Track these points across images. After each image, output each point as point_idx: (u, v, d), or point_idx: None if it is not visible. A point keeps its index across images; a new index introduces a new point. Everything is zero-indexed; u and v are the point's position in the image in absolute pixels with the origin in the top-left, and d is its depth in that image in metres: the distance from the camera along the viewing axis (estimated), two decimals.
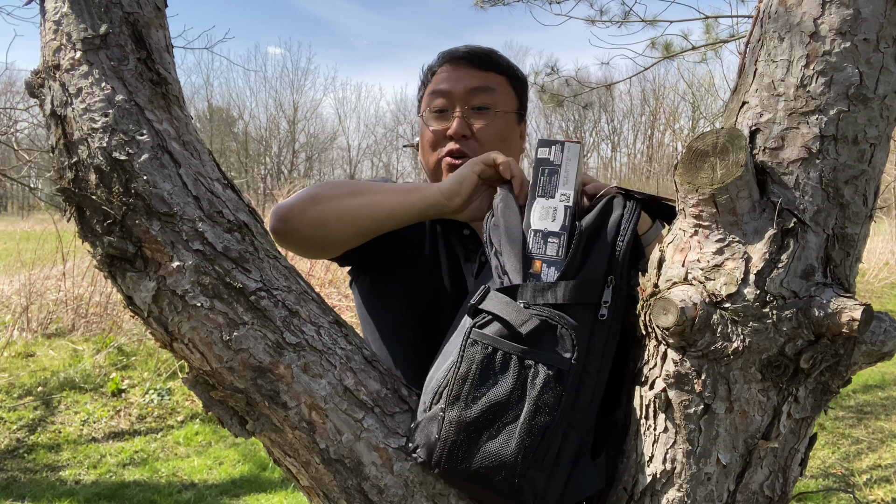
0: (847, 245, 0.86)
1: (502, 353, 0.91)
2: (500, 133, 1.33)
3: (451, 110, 1.32)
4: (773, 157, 0.86)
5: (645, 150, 35.21)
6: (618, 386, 1.02)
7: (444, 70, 1.35)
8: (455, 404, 0.91)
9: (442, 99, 1.33)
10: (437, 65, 1.38)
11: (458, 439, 0.91)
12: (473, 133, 1.31)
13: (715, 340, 0.85)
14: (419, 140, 1.41)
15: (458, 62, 1.35)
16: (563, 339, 0.91)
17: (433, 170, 1.35)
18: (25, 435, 4.47)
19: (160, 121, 0.97)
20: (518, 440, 0.88)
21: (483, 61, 1.35)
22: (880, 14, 0.82)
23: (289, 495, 3.76)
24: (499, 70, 1.36)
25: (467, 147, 1.31)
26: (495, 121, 1.33)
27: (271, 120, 36.83)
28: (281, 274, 1.01)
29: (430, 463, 0.93)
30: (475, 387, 0.91)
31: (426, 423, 0.95)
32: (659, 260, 0.93)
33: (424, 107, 1.37)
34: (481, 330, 0.93)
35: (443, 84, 1.33)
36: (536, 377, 0.89)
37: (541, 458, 0.89)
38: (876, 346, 0.85)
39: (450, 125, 1.31)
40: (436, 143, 1.33)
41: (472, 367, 0.92)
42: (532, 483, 0.89)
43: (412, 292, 1.31)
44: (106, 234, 0.93)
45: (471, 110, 1.32)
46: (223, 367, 0.94)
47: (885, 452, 4.32)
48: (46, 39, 0.98)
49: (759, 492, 0.91)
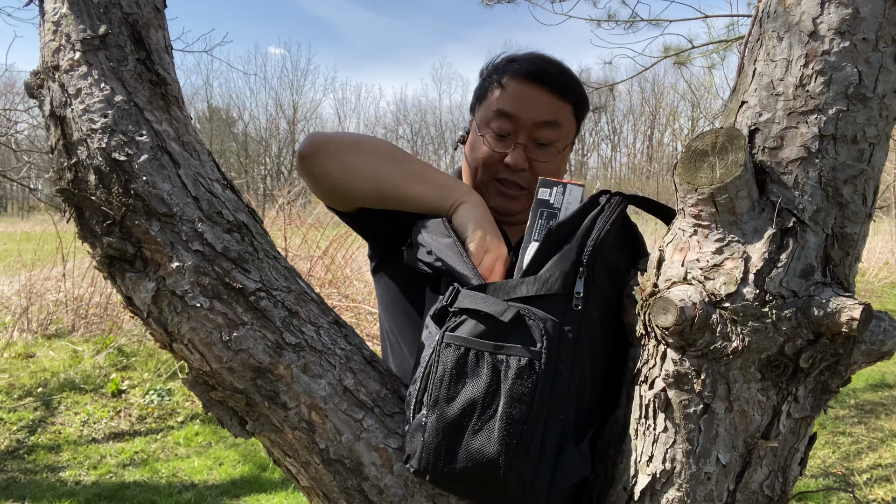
0: (846, 244, 0.86)
1: (474, 352, 0.94)
2: (557, 170, 1.30)
3: (514, 136, 1.26)
4: (772, 157, 0.86)
5: (645, 150, 35.22)
6: (618, 386, 1.02)
7: (517, 86, 1.26)
8: (435, 408, 0.94)
9: (507, 123, 1.26)
10: (509, 75, 1.28)
11: (442, 441, 0.93)
12: (531, 166, 1.27)
13: (714, 340, 0.85)
14: (468, 141, 1.36)
15: (535, 80, 1.26)
16: (533, 331, 0.93)
17: (479, 184, 1.31)
18: (25, 436, 4.47)
19: (159, 121, 0.97)
20: (498, 434, 0.90)
21: (560, 87, 1.27)
22: (879, 13, 0.82)
23: (289, 496, 3.76)
24: (571, 97, 1.29)
25: (521, 179, 1.27)
26: (555, 159, 1.29)
27: (271, 120, 36.86)
28: (280, 274, 1.01)
29: (420, 471, 0.95)
30: (452, 388, 0.93)
31: (412, 431, 0.97)
32: (658, 259, 0.93)
33: (484, 120, 1.29)
34: (454, 332, 0.95)
35: (511, 106, 1.25)
36: (508, 370, 0.92)
37: (524, 450, 0.91)
38: (875, 345, 0.85)
39: (508, 152, 1.26)
40: (489, 164, 1.29)
41: (447, 369, 0.94)
42: (519, 475, 0.91)
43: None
44: (105, 234, 0.93)
45: (534, 143, 1.26)
46: (223, 367, 0.94)
47: (885, 452, 4.31)
48: (46, 40, 0.98)
49: (758, 491, 0.91)
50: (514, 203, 1.28)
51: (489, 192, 1.29)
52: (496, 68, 1.32)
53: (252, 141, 36.06)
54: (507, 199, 1.28)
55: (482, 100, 1.32)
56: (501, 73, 1.29)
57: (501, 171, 1.28)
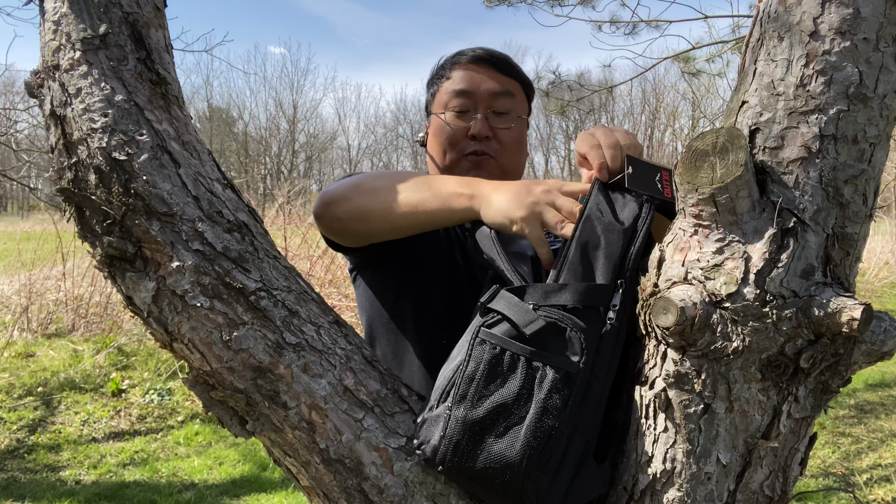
0: (847, 244, 0.86)
1: (510, 353, 0.91)
2: (519, 137, 1.37)
3: (473, 111, 1.34)
4: (772, 157, 0.86)
5: (645, 150, 35.18)
6: (618, 386, 1.02)
7: (465, 69, 1.36)
8: (461, 403, 0.91)
9: (464, 99, 1.34)
10: (455, 63, 1.38)
11: (463, 438, 0.91)
12: (495, 134, 1.33)
13: (715, 340, 0.85)
14: (429, 137, 1.41)
15: (480, 63, 1.35)
16: (573, 342, 0.90)
17: (449, 167, 1.36)
18: (26, 435, 4.48)
19: (160, 121, 0.97)
20: (523, 442, 0.88)
21: (505, 66, 1.36)
22: (880, 13, 0.82)
23: (289, 495, 3.76)
24: (516, 77, 1.38)
25: (489, 148, 1.33)
26: (515, 125, 1.36)
27: (271, 120, 36.86)
28: (281, 274, 1.01)
29: (433, 460, 0.93)
30: (482, 387, 0.90)
31: (432, 420, 0.94)
32: (659, 259, 0.93)
33: (441, 105, 1.37)
34: (490, 329, 0.92)
35: (465, 84, 1.34)
36: (544, 379, 0.89)
37: (545, 461, 0.89)
38: (876, 345, 0.85)
39: (470, 125, 1.33)
40: (454, 141, 1.34)
41: (479, 366, 0.91)
42: (536, 485, 0.89)
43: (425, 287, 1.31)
44: (106, 234, 0.93)
45: (493, 113, 1.34)
46: (223, 367, 0.94)
47: (885, 451, 4.31)
48: (46, 39, 0.98)
49: (759, 491, 0.91)
50: (485, 172, 1.32)
51: (461, 169, 1.34)
52: (443, 66, 1.41)
53: (252, 140, 36.08)
54: (477, 168, 1.33)
55: (436, 95, 1.40)
56: (450, 66, 1.38)
57: (468, 146, 1.33)
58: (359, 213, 1.16)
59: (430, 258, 1.32)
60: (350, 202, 1.17)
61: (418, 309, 1.32)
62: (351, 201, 1.17)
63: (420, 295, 1.31)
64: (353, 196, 1.17)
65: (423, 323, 1.31)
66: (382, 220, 1.14)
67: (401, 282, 1.33)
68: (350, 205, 1.17)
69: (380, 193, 1.14)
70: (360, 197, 1.16)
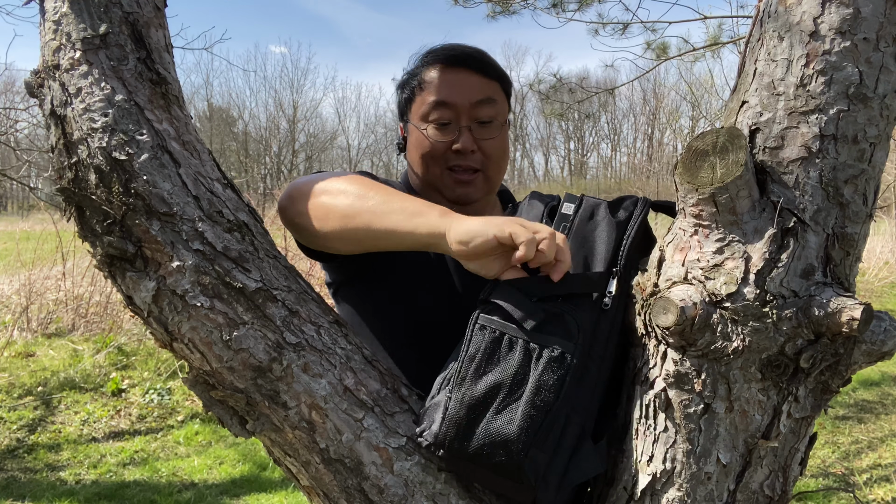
0: (847, 244, 0.86)
1: (509, 337, 0.94)
2: (503, 145, 1.31)
3: (455, 123, 1.26)
4: (772, 157, 0.86)
5: (645, 150, 35.23)
6: (618, 386, 1.02)
7: (441, 73, 1.27)
8: (461, 385, 0.94)
9: (446, 111, 1.26)
10: (429, 66, 1.29)
11: (463, 417, 0.93)
12: (480, 147, 1.27)
13: (715, 340, 0.85)
14: (408, 146, 1.34)
15: (457, 66, 1.27)
16: (569, 326, 0.94)
17: (433, 181, 1.30)
18: (25, 435, 4.47)
19: (160, 120, 0.97)
20: (521, 417, 0.91)
21: (482, 65, 1.29)
22: (880, 13, 0.82)
23: (289, 495, 3.76)
24: (494, 75, 1.31)
25: (474, 161, 1.27)
26: (500, 133, 1.30)
27: (271, 120, 36.84)
28: (281, 274, 1.01)
29: (434, 444, 0.95)
30: (481, 367, 0.94)
31: (433, 407, 0.97)
32: (659, 259, 0.93)
33: (420, 116, 1.29)
34: (489, 315, 0.96)
35: (444, 95, 1.26)
36: (540, 359, 0.92)
37: (543, 439, 0.91)
38: (876, 345, 0.85)
39: (453, 138, 1.26)
40: (437, 155, 1.28)
41: (479, 349, 0.95)
42: (534, 463, 0.91)
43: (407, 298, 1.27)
44: (106, 233, 0.93)
45: (476, 123, 1.27)
46: (223, 366, 0.94)
47: (885, 451, 4.31)
48: (46, 39, 0.98)
49: (759, 491, 0.91)
50: (472, 188, 1.29)
51: (444, 183, 1.29)
52: (415, 69, 1.33)
53: (252, 140, 36.05)
54: (464, 185, 1.28)
55: (411, 101, 1.32)
56: (423, 68, 1.30)
57: (452, 159, 1.28)
58: (320, 213, 1.09)
59: (420, 262, 1.27)
60: (314, 200, 1.11)
61: (409, 318, 1.27)
62: (313, 200, 1.11)
63: (411, 303, 1.27)
64: (318, 195, 1.11)
65: (416, 333, 1.26)
66: (342, 230, 1.07)
67: (391, 291, 1.29)
68: (312, 203, 1.10)
69: (341, 196, 1.09)
70: (322, 197, 1.10)
